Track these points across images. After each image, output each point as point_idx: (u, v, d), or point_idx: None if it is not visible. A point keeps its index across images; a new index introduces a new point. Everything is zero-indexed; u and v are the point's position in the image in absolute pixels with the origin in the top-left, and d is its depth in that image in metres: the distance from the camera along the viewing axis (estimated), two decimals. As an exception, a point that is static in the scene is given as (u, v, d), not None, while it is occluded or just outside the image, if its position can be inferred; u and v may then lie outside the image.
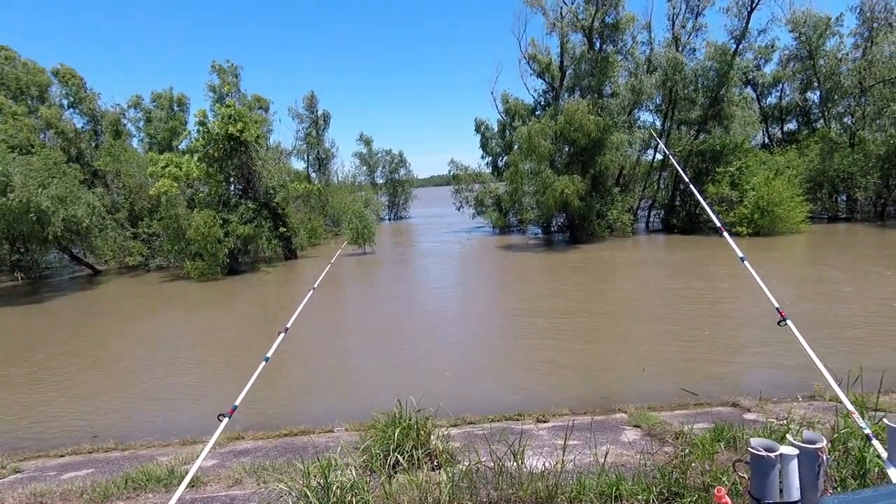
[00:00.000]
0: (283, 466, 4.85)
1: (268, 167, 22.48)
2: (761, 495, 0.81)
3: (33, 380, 9.60)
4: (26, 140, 21.49)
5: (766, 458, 0.81)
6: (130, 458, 5.87)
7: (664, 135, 24.47)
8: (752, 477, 0.83)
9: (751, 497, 0.83)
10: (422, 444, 4.28)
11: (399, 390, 5.04)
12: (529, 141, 20.82)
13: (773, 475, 0.81)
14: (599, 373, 8.08)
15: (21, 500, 4.69)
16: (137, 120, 32.89)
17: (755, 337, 9.00)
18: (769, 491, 0.81)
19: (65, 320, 15.04)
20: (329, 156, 39.24)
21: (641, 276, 15.98)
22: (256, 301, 16.52)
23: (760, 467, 0.82)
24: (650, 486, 3.06)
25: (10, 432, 7.31)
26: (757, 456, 0.82)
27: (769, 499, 0.81)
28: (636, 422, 5.49)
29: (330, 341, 11.16)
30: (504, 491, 3.17)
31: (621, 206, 23.55)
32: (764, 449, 0.82)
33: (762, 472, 0.82)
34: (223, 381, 8.88)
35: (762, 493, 0.81)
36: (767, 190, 19.65)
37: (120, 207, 25.02)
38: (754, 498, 0.82)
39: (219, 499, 4.31)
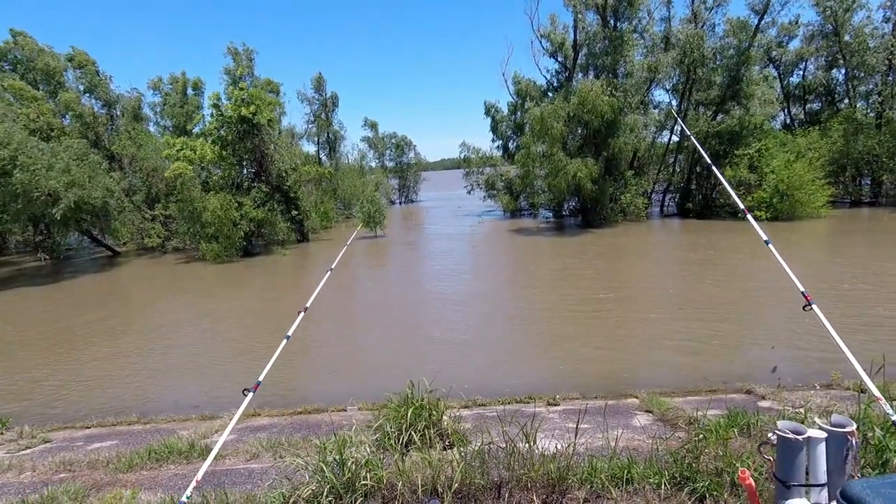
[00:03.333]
0: (299, 442, 4.97)
1: (280, 150, 22.50)
2: (787, 477, 0.80)
3: (58, 356, 9.90)
4: (46, 125, 21.73)
5: (793, 440, 0.79)
6: (152, 432, 6.06)
7: (681, 116, 23.90)
8: (777, 459, 0.82)
9: (776, 479, 0.82)
10: (434, 423, 4.33)
11: (411, 371, 5.10)
12: (542, 123, 20.48)
13: (801, 458, 0.80)
14: (611, 357, 8.07)
15: (51, 468, 4.89)
16: (155, 104, 33.07)
17: (772, 324, 8.90)
18: (795, 473, 0.80)
19: (86, 300, 15.41)
20: (338, 137, 39.09)
21: (655, 261, 15.82)
22: (272, 282, 16.74)
23: (787, 449, 0.80)
24: (662, 471, 3.07)
25: (38, 405, 7.58)
26: (784, 438, 0.80)
27: (795, 481, 0.79)
28: (648, 407, 5.49)
29: (343, 322, 11.30)
30: (515, 471, 3.20)
31: (635, 189, 23.17)
32: (791, 431, 0.80)
33: (789, 454, 0.80)
34: (242, 360, 9.07)
35: (788, 476, 0.80)
36: (788, 173, 19.16)
37: (137, 190, 25.34)
38: (779, 480, 0.81)
39: (237, 471, 4.44)
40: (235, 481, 4.19)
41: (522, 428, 3.35)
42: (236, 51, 27.27)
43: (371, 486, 3.17)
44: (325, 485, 3.07)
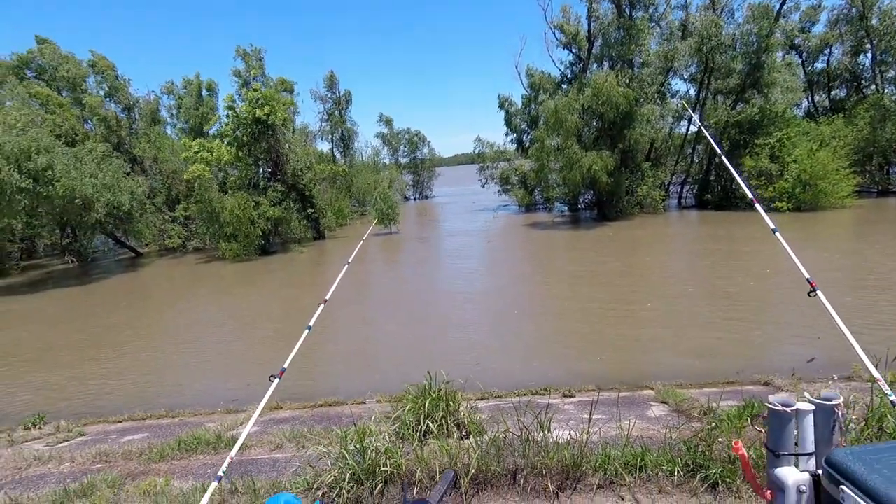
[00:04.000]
0: (321, 433, 5.12)
1: (295, 149, 22.81)
2: (777, 447, 0.86)
3: (91, 354, 10.28)
4: (71, 129, 22.42)
5: (783, 412, 0.86)
6: (180, 425, 6.29)
7: (699, 105, 23.46)
8: (769, 430, 0.89)
9: (767, 449, 0.89)
10: (451, 414, 4.43)
11: (427, 365, 5.20)
12: (556, 115, 20.35)
13: (790, 429, 0.86)
14: (628, 349, 8.07)
15: (88, 458, 5.14)
16: (171, 107, 33.77)
17: (792, 315, 8.77)
18: (785, 443, 0.86)
19: (114, 299, 15.93)
20: (352, 135, 39.39)
21: (672, 253, 15.65)
22: (292, 279, 17.03)
23: (777, 421, 0.87)
24: (675, 458, 3.11)
25: (73, 400, 7.90)
26: (775, 410, 0.87)
27: (784, 450, 0.86)
28: (663, 398, 5.50)
29: (360, 317, 11.46)
30: (530, 458, 3.28)
31: (652, 181, 22.86)
32: (781, 405, 0.87)
33: (779, 425, 0.87)
34: (266, 354, 9.31)
35: (778, 446, 0.86)
36: (810, 162, 18.68)
37: (158, 192, 25.96)
38: (770, 450, 0.88)
39: (263, 461, 4.61)
40: (261, 470, 4.35)
41: (537, 416, 3.43)
42: (245, 52, 27.69)
43: (391, 473, 3.29)
44: (347, 471, 3.20)
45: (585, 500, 2.98)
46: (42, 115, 20.90)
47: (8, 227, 20.91)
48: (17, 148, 16.43)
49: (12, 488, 4.60)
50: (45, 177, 17.22)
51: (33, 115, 19.73)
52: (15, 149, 16.38)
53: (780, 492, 0.84)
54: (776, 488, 0.85)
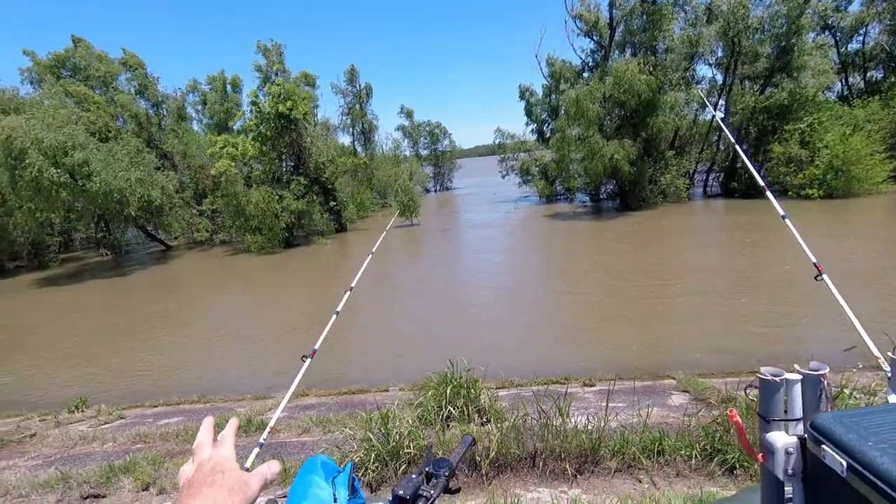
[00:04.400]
0: (346, 419, 5.32)
1: (317, 143, 23.13)
2: (767, 413, 0.94)
3: (128, 342, 10.77)
4: (104, 126, 23.23)
5: (772, 381, 0.93)
6: (211, 409, 6.59)
7: (725, 91, 22.79)
8: (760, 398, 0.96)
9: (759, 416, 0.97)
10: (472, 400, 4.55)
11: (449, 354, 5.32)
12: (577, 105, 20.08)
13: (779, 396, 0.94)
14: (650, 339, 8.04)
15: (128, 439, 5.46)
16: (196, 104, 34.53)
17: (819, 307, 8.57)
18: (775, 410, 0.94)
19: (149, 290, 16.58)
20: (372, 128, 39.60)
21: (697, 243, 15.39)
22: (317, 271, 17.38)
23: (767, 390, 0.94)
24: (693, 444, 3.16)
25: (112, 386, 8.32)
26: (765, 380, 0.95)
27: (775, 416, 0.94)
28: (684, 387, 5.52)
29: (382, 308, 11.68)
30: (549, 442, 3.38)
31: (676, 170, 22.38)
32: (771, 375, 0.95)
33: (769, 393, 0.94)
34: (293, 342, 9.61)
35: (768, 412, 0.94)
36: (843, 147, 18.01)
37: (186, 187, 26.70)
38: (761, 416, 0.96)
39: (291, 444, 4.83)
40: (290, 452, 4.57)
41: (556, 401, 3.51)
42: (266, 48, 28.05)
43: (414, 455, 3.43)
44: (372, 452, 3.35)
45: (603, 483, 3.07)
46: (78, 113, 21.69)
47: (47, 221, 21.88)
48: (54, 143, 17.14)
49: (62, 464, 4.93)
50: (82, 172, 17.93)
51: (70, 114, 20.51)
52: (53, 144, 17.10)
53: (771, 454, 0.92)
54: (767, 451, 0.93)
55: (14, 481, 4.30)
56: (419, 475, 1.10)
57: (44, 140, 16.95)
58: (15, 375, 9.31)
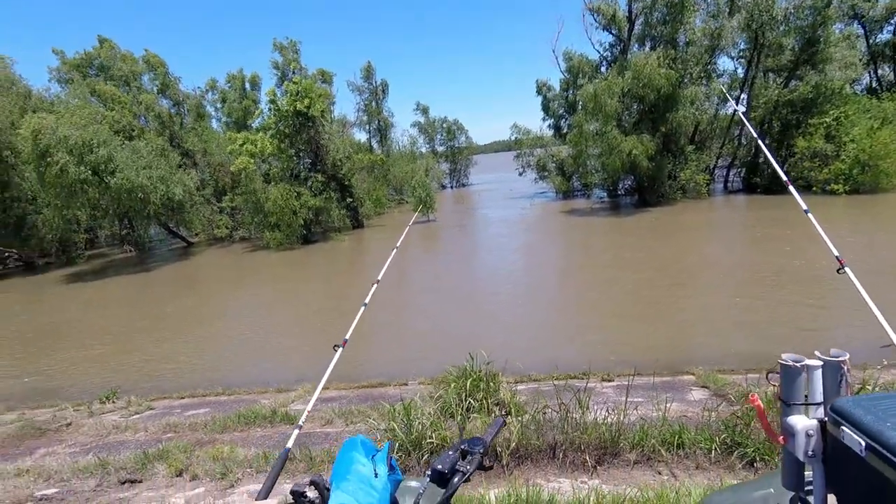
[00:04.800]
0: (367, 410, 5.44)
1: (334, 140, 23.37)
2: (788, 398, 0.99)
3: (154, 336, 11.10)
4: (128, 125, 23.84)
5: (793, 367, 0.98)
6: (236, 402, 6.77)
7: (747, 84, 22.34)
8: (781, 384, 1.02)
9: (780, 400, 1.02)
10: (491, 393, 4.63)
11: (466, 350, 5.39)
12: (595, 100, 19.89)
13: (800, 381, 0.99)
14: (669, 336, 8.01)
15: (159, 428, 5.67)
16: (215, 101, 35.16)
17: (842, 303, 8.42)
18: (796, 394, 0.99)
19: (173, 286, 17.03)
20: (388, 125, 39.80)
21: (717, 238, 15.18)
22: (336, 267, 17.62)
23: (788, 375, 1.00)
24: (713, 437, 3.19)
25: (140, 379, 8.59)
26: (786, 365, 1.00)
27: (795, 401, 0.99)
28: (704, 383, 5.51)
29: (400, 303, 11.80)
30: (569, 434, 3.44)
31: (696, 165, 22.04)
32: (792, 361, 1.00)
33: (790, 378, 1.00)
34: (314, 338, 9.81)
35: (789, 397, 0.99)
36: (870, 142, 17.52)
37: (207, 184, 27.23)
38: (782, 400, 1.01)
39: (316, 434, 4.97)
40: (314, 442, 4.70)
41: (576, 394, 3.56)
42: (282, 45, 28.39)
43: (436, 445, 3.52)
44: (395, 442, 3.45)
45: (623, 474, 3.11)
46: (102, 113, 22.30)
47: (74, 218, 22.57)
48: (80, 141, 17.66)
49: (98, 451, 5.15)
50: (106, 169, 18.45)
51: (94, 113, 21.10)
52: (78, 142, 17.62)
53: (791, 436, 0.98)
54: (788, 434, 0.99)
55: (55, 467, 4.52)
56: (455, 451, 1.18)
57: (69, 138, 17.47)
58: (49, 368, 9.69)
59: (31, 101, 23.59)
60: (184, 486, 3.81)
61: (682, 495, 2.42)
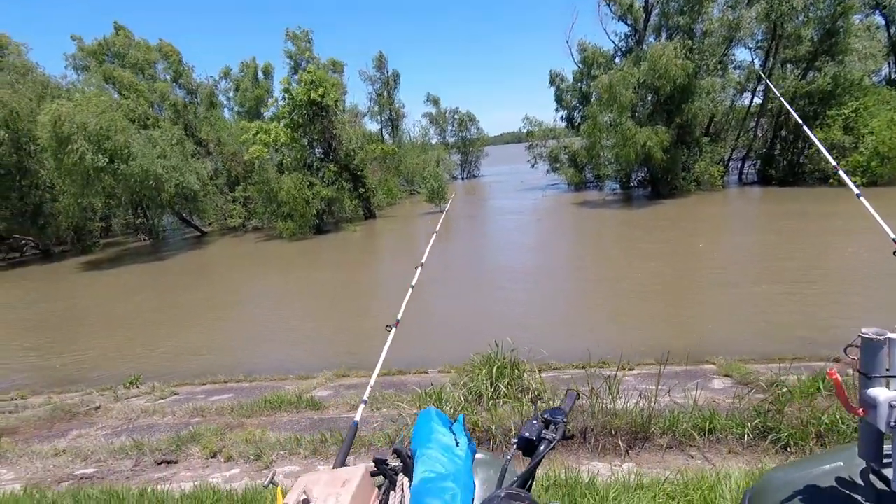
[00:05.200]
0: (392, 396, 5.52)
1: (347, 130, 23.39)
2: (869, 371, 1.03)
3: (172, 324, 11.28)
4: (143, 114, 24.01)
5: (875, 340, 1.02)
6: (258, 388, 6.89)
7: (766, 75, 22.00)
8: (861, 356, 1.05)
9: (860, 373, 1.06)
10: (515, 380, 4.69)
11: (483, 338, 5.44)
12: (610, 91, 19.70)
13: (882, 354, 1.02)
14: (686, 327, 8.01)
15: (187, 412, 5.80)
16: (227, 90, 35.24)
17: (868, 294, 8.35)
18: (877, 367, 1.03)
19: (187, 275, 17.24)
20: (400, 116, 39.72)
21: (734, 230, 15.07)
22: (350, 257, 17.70)
23: (870, 348, 1.03)
24: (744, 422, 3.22)
25: (159, 365, 8.74)
26: (867, 338, 1.03)
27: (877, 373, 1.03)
28: (726, 372, 5.52)
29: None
30: (600, 419, 3.49)
31: (710, 157, 21.82)
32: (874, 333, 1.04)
33: (871, 351, 1.03)
34: (329, 324, 9.93)
35: (870, 369, 1.03)
36: (890, 133, 17.24)
37: (220, 174, 27.40)
38: (862, 373, 1.05)
39: (342, 419, 5.06)
40: (342, 427, 4.77)
41: (606, 380, 3.61)
42: (294, 34, 28.33)
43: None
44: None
45: (655, 458, 3.16)
46: (118, 101, 22.47)
47: (89, 206, 22.85)
48: (97, 128, 17.83)
49: (129, 434, 5.29)
50: (122, 155, 18.60)
51: (110, 101, 21.27)
52: (96, 129, 17.78)
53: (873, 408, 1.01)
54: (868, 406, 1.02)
55: (91, 447, 4.66)
56: (538, 421, 1.23)
57: (88, 125, 17.63)
58: (71, 355, 9.88)
59: (49, 88, 23.80)
60: (220, 467, 3.92)
61: (722, 478, 2.46)
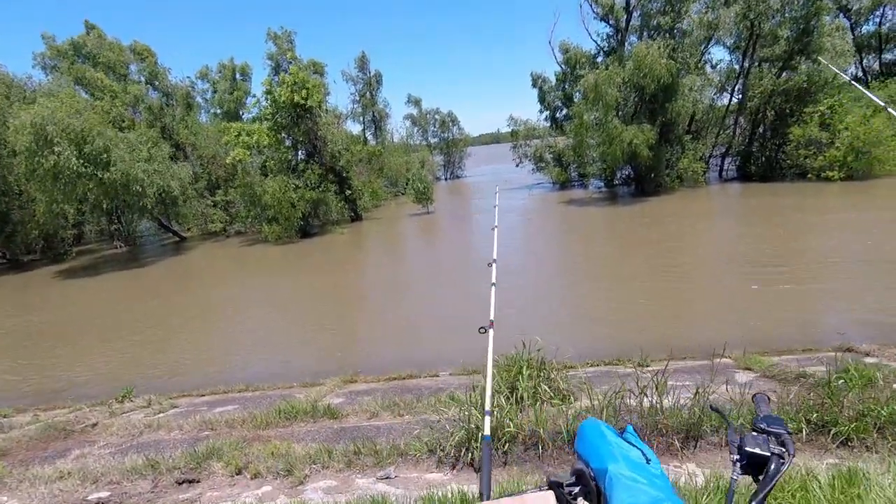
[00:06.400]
0: (413, 402, 5.33)
1: (332, 131, 23.01)
2: None
3: (157, 334, 10.81)
4: (119, 116, 23.10)
5: None
6: (263, 398, 6.59)
7: (743, 74, 22.58)
8: None
9: None
10: (546, 380, 4.58)
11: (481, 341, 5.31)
12: (596, 90, 19.89)
13: None
14: (688, 323, 8.06)
15: (195, 426, 5.48)
16: (205, 91, 34.31)
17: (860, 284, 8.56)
18: None
19: (169, 282, 16.63)
20: (383, 116, 39.39)
21: (720, 226, 15.35)
22: (339, 259, 17.37)
23: None
24: (798, 416, 3.18)
25: (150, 377, 8.34)
26: None
27: None
28: (745, 365, 5.53)
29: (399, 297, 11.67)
30: (648, 418, 3.40)
31: (693, 154, 22.29)
32: None
33: None
34: (322, 330, 9.66)
35: None
36: (864, 129, 17.88)
37: (199, 178, 26.61)
38: None
39: (364, 427, 4.84)
40: (367, 435, 4.56)
41: (654, 377, 3.53)
42: (276, 35, 27.79)
43: (512, 433, 3.46)
44: (479, 432, 3.36)
45: (713, 457, 3.10)
46: (91, 103, 21.56)
47: (62, 213, 21.84)
48: (78, 131, 17.04)
49: (135, 451, 4.94)
50: (102, 161, 17.83)
51: (85, 103, 20.41)
52: (77, 131, 17.00)
53: None
54: None
55: (99, 468, 4.34)
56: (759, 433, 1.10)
57: (70, 127, 16.84)
58: (51, 369, 9.37)
59: (12, 89, 22.69)
60: (248, 485, 3.69)
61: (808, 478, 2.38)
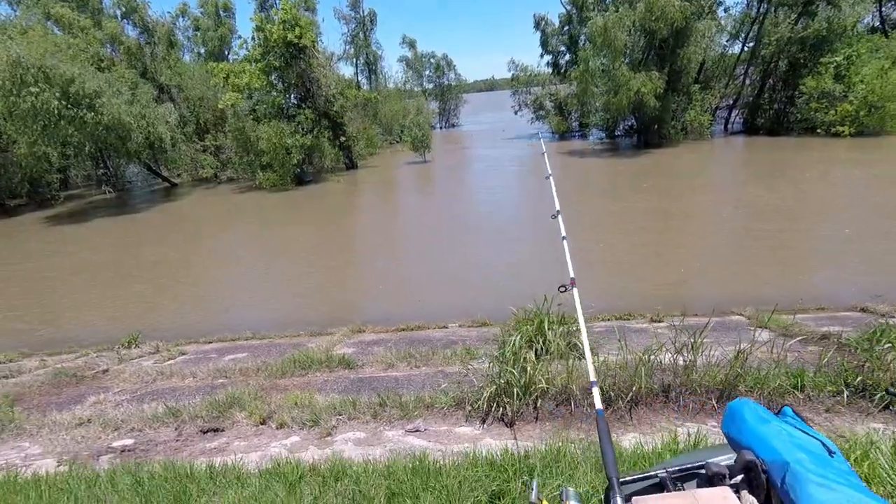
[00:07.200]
0: (428, 353, 5.29)
1: (326, 74, 21.88)
2: None
3: (156, 281, 10.60)
4: (96, 55, 21.67)
5: None
6: (272, 346, 6.52)
7: (758, 21, 21.57)
8: None
9: None
10: (567, 333, 4.53)
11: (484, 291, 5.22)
12: (605, 34, 18.90)
13: None
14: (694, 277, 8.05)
15: (209, 373, 5.43)
16: (186, 29, 32.23)
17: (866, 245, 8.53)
18: None
19: (162, 229, 16.25)
20: (377, 59, 37.56)
21: (727, 182, 15.15)
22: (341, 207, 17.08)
23: None
24: (838, 379, 3.14)
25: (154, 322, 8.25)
26: None
27: None
28: (761, 323, 5.50)
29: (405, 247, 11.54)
30: (682, 377, 3.36)
31: (700, 105, 21.64)
32: None
33: None
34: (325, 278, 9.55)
35: None
36: (881, 83, 17.34)
37: (187, 121, 25.48)
38: None
39: (382, 378, 4.80)
40: (388, 386, 4.52)
41: (693, 334, 3.46)
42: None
43: (544, 388, 3.42)
44: (513, 387, 3.30)
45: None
46: (66, 41, 20.13)
47: (44, 157, 20.89)
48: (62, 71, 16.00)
49: (151, 399, 4.90)
50: (87, 102, 16.87)
51: (62, 41, 19.07)
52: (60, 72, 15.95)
53: None
54: None
55: (119, 416, 4.30)
56: None
57: (50, 66, 15.77)
58: (51, 314, 9.25)
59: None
60: (274, 435, 3.66)
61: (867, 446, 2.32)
